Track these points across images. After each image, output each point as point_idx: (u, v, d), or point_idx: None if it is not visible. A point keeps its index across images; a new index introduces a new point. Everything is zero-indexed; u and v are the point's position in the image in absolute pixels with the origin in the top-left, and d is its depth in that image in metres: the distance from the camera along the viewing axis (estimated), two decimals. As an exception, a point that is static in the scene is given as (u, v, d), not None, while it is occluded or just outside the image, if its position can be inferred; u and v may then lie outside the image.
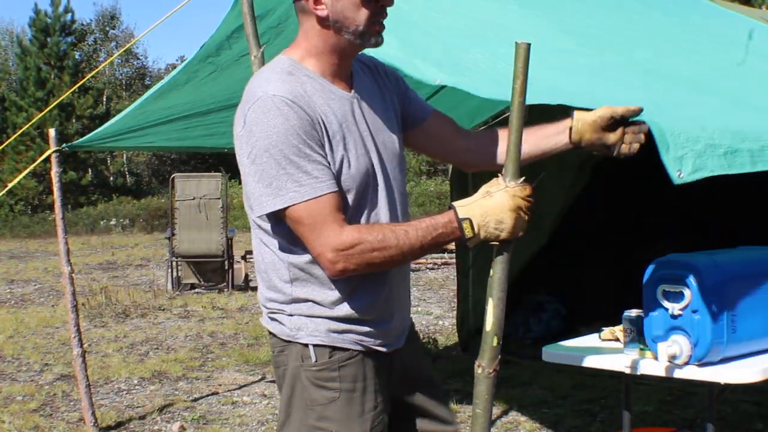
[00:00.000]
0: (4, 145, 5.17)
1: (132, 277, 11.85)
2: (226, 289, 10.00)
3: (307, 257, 1.93)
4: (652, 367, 2.76)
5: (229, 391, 5.67)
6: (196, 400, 5.48)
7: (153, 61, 62.87)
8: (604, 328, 3.17)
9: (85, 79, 7.45)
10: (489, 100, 4.54)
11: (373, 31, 1.95)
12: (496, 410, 4.94)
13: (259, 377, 6.01)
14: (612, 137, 2.05)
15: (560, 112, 2.15)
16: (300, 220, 1.86)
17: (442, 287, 9.73)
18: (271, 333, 2.05)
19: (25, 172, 5.07)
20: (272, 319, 2.02)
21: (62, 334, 7.48)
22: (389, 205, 2.01)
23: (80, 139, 4.95)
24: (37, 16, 28.15)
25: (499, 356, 1.88)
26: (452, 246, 6.87)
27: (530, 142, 2.06)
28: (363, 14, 1.92)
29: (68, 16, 28.71)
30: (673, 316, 2.66)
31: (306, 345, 1.96)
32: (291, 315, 1.98)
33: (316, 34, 1.96)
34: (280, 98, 1.86)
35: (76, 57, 29.46)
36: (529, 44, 1.85)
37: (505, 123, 1.97)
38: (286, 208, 1.86)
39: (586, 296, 6.38)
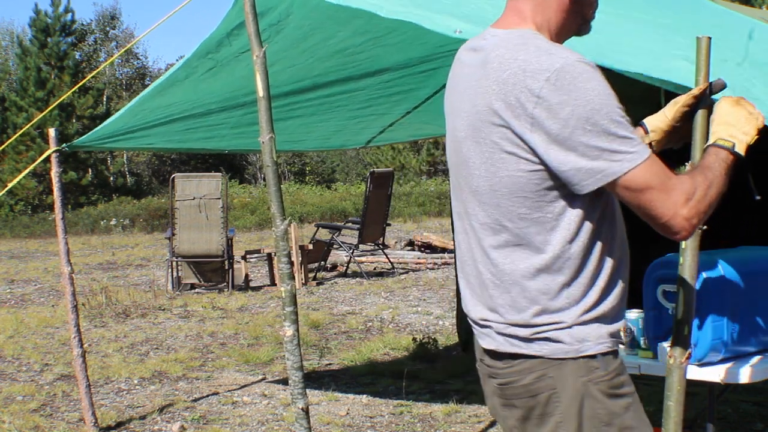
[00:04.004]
0: (5, 145, 5.16)
1: (132, 277, 11.84)
2: (226, 289, 9.99)
3: (581, 248, 1.76)
4: (652, 367, 2.76)
5: (229, 391, 5.67)
6: (196, 400, 5.48)
7: (153, 61, 62.87)
8: (604, 328, 3.17)
9: (86, 79, 7.44)
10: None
11: (590, 20, 1.91)
12: (496, 410, 4.93)
13: (260, 377, 6.01)
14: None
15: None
16: (647, 182, 1.69)
17: (442, 287, 9.72)
18: (524, 357, 1.78)
19: (25, 172, 5.07)
20: (535, 340, 1.77)
21: (62, 334, 7.47)
22: None
23: (80, 139, 4.95)
24: (38, 16, 28.17)
25: (691, 346, 1.87)
26: (451, 245, 6.86)
27: None
28: (595, 1, 1.89)
29: (68, 16, 28.73)
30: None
31: (593, 356, 1.77)
32: (571, 327, 1.76)
33: (554, 10, 1.84)
34: (586, 61, 1.70)
35: (76, 57, 29.47)
36: (710, 38, 1.89)
37: None
38: (628, 172, 1.67)
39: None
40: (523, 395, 1.81)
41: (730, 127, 1.87)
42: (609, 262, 1.80)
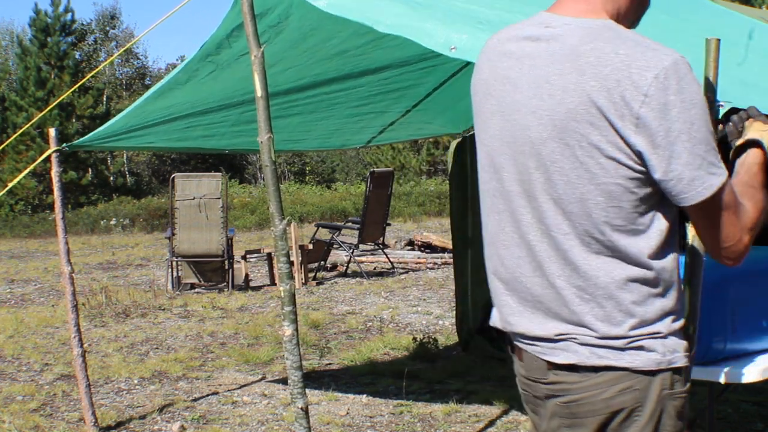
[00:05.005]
0: (5, 145, 5.16)
1: (132, 277, 11.84)
2: (226, 289, 9.99)
3: (670, 257, 1.66)
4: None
5: (229, 391, 5.67)
6: (196, 400, 5.48)
7: (153, 61, 63.00)
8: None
9: (85, 79, 7.44)
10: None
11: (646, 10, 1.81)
12: (496, 410, 4.93)
13: (259, 377, 6.01)
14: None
15: None
16: (727, 202, 1.60)
17: (442, 287, 9.72)
18: (608, 369, 1.65)
19: (25, 171, 5.07)
20: (627, 349, 1.64)
21: (62, 334, 7.47)
22: None
23: (80, 139, 4.95)
24: (37, 15, 28.18)
25: (695, 347, 1.83)
26: (451, 245, 6.86)
27: None
28: None
29: (68, 16, 28.75)
30: (673, 316, 2.66)
31: (679, 369, 1.67)
32: (666, 337, 1.66)
33: None
34: (687, 61, 1.58)
35: (76, 57, 29.48)
36: (719, 40, 1.88)
37: None
38: (720, 188, 1.58)
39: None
40: (601, 411, 1.66)
41: None
42: (679, 270, 1.73)
